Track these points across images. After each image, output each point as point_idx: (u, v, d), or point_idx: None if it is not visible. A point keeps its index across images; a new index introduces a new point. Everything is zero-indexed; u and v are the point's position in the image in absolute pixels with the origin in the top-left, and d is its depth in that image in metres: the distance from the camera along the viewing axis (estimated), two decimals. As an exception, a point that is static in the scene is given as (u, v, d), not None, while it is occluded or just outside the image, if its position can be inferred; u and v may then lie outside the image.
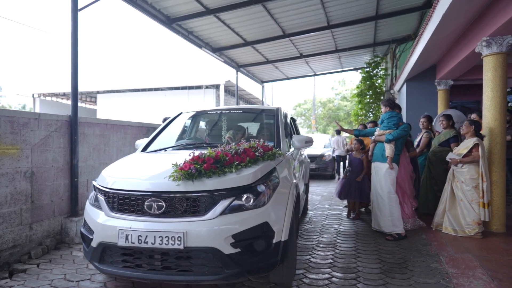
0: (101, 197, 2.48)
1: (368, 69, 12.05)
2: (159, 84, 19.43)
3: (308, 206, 6.19)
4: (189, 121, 4.06)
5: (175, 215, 2.24)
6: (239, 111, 4.03)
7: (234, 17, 7.48)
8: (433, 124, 5.99)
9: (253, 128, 3.93)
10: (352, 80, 36.94)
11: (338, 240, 4.19)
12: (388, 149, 4.19)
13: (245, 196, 2.30)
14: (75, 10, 4.22)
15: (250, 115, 4.18)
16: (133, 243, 2.19)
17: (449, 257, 3.51)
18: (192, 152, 2.50)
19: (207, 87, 18.35)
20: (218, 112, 4.01)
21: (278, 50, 10.37)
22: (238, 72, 11.81)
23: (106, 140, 4.89)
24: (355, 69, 13.89)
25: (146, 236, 2.17)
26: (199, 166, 2.33)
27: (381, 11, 7.88)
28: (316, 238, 4.30)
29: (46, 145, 3.92)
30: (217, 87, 18.04)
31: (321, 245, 3.99)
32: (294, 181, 3.00)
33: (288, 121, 4.09)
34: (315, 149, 10.59)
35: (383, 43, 10.61)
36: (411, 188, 4.69)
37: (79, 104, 24.24)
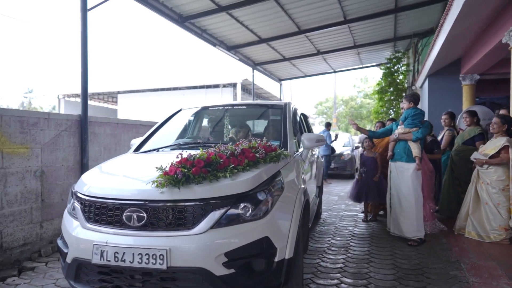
0: (77, 205, 2.19)
1: (389, 65, 11.63)
2: (177, 84, 19.69)
3: (323, 207, 6.00)
4: (190, 118, 3.80)
5: (157, 229, 1.94)
6: (244, 107, 3.76)
7: (247, 14, 7.37)
8: (457, 121, 5.65)
9: (258, 125, 3.72)
10: (375, 77, 36.14)
11: (351, 243, 4.00)
12: (416, 149, 3.95)
13: (241, 205, 1.96)
14: (84, 10, 4.26)
15: (256, 112, 3.91)
16: (109, 260, 1.91)
17: (471, 264, 3.26)
18: (180, 154, 2.19)
19: (224, 85, 18.40)
20: (221, 108, 3.72)
21: (294, 47, 10.16)
22: (255, 70, 11.69)
23: (117, 139, 4.91)
24: (376, 65, 13.45)
25: (124, 253, 1.88)
26: (186, 170, 2.03)
27: (400, 4, 7.52)
28: (328, 240, 4.13)
29: (56, 144, 3.96)
30: (234, 85, 18.05)
31: (333, 248, 3.82)
32: (303, 186, 2.67)
33: (298, 118, 3.84)
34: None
35: (404, 37, 10.15)
36: (430, 189, 4.41)
37: (101, 104, 25.12)
